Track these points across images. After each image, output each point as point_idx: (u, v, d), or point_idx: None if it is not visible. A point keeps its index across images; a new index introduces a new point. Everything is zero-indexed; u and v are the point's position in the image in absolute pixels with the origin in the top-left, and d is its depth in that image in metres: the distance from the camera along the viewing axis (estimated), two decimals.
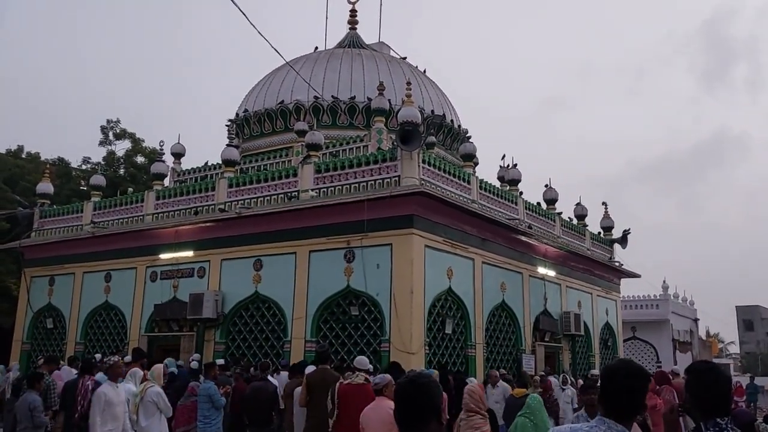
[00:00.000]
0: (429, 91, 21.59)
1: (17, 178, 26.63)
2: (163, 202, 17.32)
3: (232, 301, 15.30)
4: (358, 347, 13.60)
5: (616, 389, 2.71)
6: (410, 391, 2.72)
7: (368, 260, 13.57)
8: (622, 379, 2.71)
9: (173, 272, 16.43)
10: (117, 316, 17.47)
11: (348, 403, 7.84)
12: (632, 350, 31.59)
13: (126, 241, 17.37)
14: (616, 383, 2.72)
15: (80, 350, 17.32)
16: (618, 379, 2.72)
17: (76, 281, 18.41)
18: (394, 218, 13.46)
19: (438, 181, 14.54)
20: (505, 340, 16.43)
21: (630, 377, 2.72)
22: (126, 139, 30.49)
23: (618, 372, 2.75)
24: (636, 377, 2.72)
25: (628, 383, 2.70)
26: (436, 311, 14.02)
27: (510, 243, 16.74)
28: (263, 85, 21.68)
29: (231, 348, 15.22)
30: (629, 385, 2.70)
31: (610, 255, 22.88)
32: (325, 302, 14.10)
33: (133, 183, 27.73)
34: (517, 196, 17.87)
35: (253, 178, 15.98)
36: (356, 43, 23.45)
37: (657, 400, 10.95)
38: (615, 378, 2.73)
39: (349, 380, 8.19)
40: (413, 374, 2.82)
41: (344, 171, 14.59)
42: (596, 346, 21.07)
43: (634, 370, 2.75)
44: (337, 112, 19.74)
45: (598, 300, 21.65)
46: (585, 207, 22.11)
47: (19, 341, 19.24)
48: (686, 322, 36.16)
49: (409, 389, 2.72)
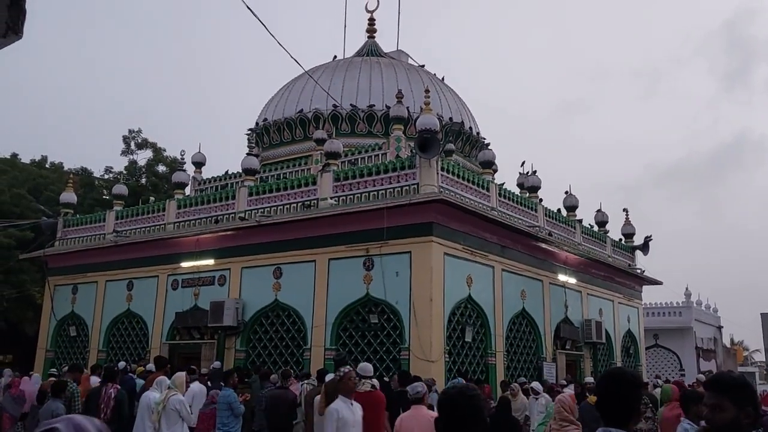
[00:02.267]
0: (447, 98, 21.60)
1: (41, 188, 27.02)
2: (184, 210, 17.47)
3: (252, 309, 15.37)
4: (378, 355, 13.59)
5: (609, 397, 2.74)
6: (459, 401, 2.67)
7: (387, 268, 13.57)
8: (614, 387, 2.75)
9: (194, 280, 16.55)
10: (139, 324, 17.63)
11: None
12: (655, 358, 31.23)
13: (148, 249, 17.54)
14: (609, 391, 2.76)
15: (103, 358, 17.48)
16: (611, 387, 2.76)
17: (99, 289, 18.61)
18: (413, 226, 13.46)
19: (457, 188, 14.53)
20: (526, 348, 16.32)
21: (621, 385, 2.75)
22: (147, 148, 30.83)
23: (609, 379, 2.80)
24: (626, 384, 2.75)
25: (618, 390, 2.74)
26: (455, 319, 13.98)
27: (530, 250, 16.65)
28: (282, 95, 21.84)
29: (251, 356, 15.29)
30: (620, 393, 2.73)
31: (632, 262, 22.67)
32: (344, 310, 14.12)
33: (154, 192, 28.02)
34: (537, 203, 17.78)
35: (273, 186, 16.08)
36: (375, 51, 23.55)
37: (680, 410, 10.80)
38: (608, 386, 2.78)
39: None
40: (461, 385, 2.78)
41: (363, 179, 14.63)
42: (618, 354, 20.85)
43: (625, 377, 2.79)
44: (355, 120, 19.81)
45: (619, 307, 21.44)
46: (605, 213, 21.95)
47: (43, 349, 19.47)
48: (710, 329, 35.68)
49: (459, 400, 2.68)
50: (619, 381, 2.79)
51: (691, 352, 31.69)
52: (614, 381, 2.80)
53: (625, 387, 2.75)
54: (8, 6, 2.06)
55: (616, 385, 2.77)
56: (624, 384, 2.76)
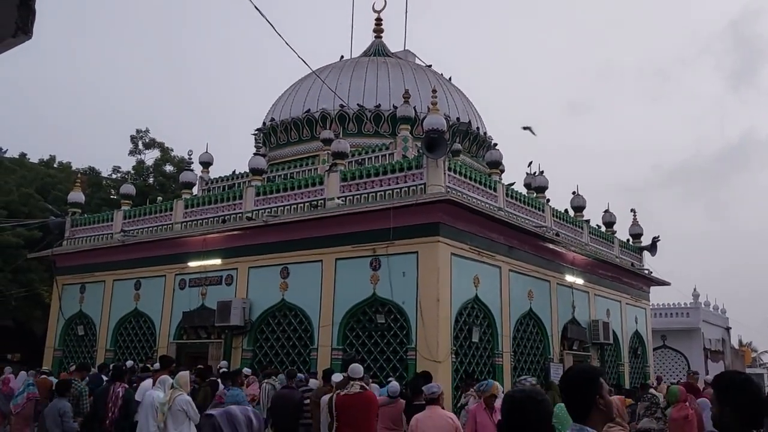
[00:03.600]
0: (454, 98, 21.58)
1: (49, 188, 27.14)
2: (192, 210, 17.51)
3: (259, 308, 15.39)
4: (385, 355, 13.59)
5: (568, 391, 2.86)
6: (528, 406, 2.64)
7: (394, 268, 13.56)
8: (569, 381, 2.88)
9: (201, 280, 16.59)
10: (146, 323, 17.68)
11: (346, 413, 7.83)
12: (662, 359, 31.11)
13: (155, 249, 17.59)
14: (566, 385, 2.89)
15: (110, 357, 17.54)
16: (566, 382, 2.90)
17: (107, 289, 18.68)
18: (420, 226, 13.45)
19: (464, 188, 14.51)
20: (533, 349, 16.29)
21: (575, 378, 2.88)
22: (155, 148, 30.97)
23: (565, 378, 2.93)
24: (578, 378, 2.87)
25: (572, 383, 2.86)
26: (462, 319, 13.96)
27: (537, 251, 16.62)
28: (290, 95, 21.86)
29: (258, 355, 15.31)
30: (574, 385, 2.84)
31: (640, 263, 22.59)
32: (351, 310, 14.12)
33: (162, 192, 28.13)
34: (544, 203, 17.74)
35: (280, 186, 16.10)
36: (382, 51, 23.55)
37: (689, 411, 10.76)
38: (565, 381, 2.91)
39: (345, 390, 8.16)
40: (529, 389, 2.75)
41: (370, 179, 14.63)
42: (625, 354, 20.78)
43: (577, 372, 2.96)
44: (362, 120, 19.82)
45: (627, 308, 21.37)
46: (613, 214, 21.89)
47: (51, 348, 19.55)
48: (718, 330, 35.51)
49: (527, 404, 2.65)
50: (573, 376, 2.91)
51: (699, 354, 31.53)
52: (568, 378, 2.92)
53: (578, 381, 2.85)
54: (18, 6, 2.06)
55: (570, 380, 2.89)
56: (576, 378, 2.87)
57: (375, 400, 8.21)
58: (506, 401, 2.72)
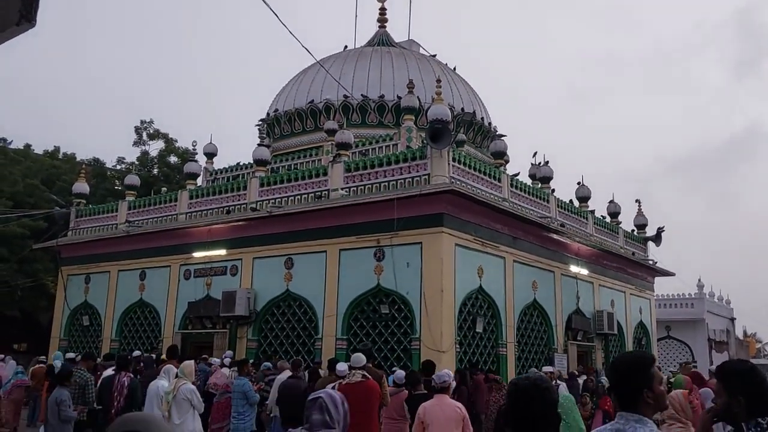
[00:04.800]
0: (459, 88, 21.51)
1: (54, 179, 27.20)
2: (196, 201, 17.54)
3: (264, 298, 15.44)
4: (389, 345, 13.63)
5: (614, 378, 2.82)
6: (533, 394, 2.59)
7: (398, 259, 13.58)
8: (616, 369, 2.83)
9: (206, 270, 16.64)
10: (151, 313, 17.75)
11: (348, 402, 7.84)
12: (667, 350, 31.13)
13: (160, 239, 17.63)
14: (613, 372, 2.85)
15: (115, 347, 17.63)
16: (613, 369, 2.85)
17: (112, 279, 18.74)
18: (424, 217, 13.44)
19: (468, 179, 14.48)
20: (537, 339, 16.30)
21: (622, 366, 2.81)
22: (159, 139, 30.97)
23: (615, 363, 2.88)
24: (625, 366, 2.80)
25: (619, 371, 2.80)
26: (466, 310, 13.97)
27: (542, 241, 16.60)
28: (293, 85, 21.82)
29: (263, 345, 15.37)
30: (621, 374, 2.79)
31: (644, 253, 22.56)
32: (355, 300, 14.15)
33: (166, 183, 28.17)
34: (549, 193, 17.71)
35: (284, 177, 16.10)
36: (386, 41, 23.46)
37: (693, 400, 10.76)
38: (612, 368, 2.85)
39: (347, 380, 8.18)
40: (534, 377, 2.70)
41: (374, 170, 14.62)
42: (629, 345, 20.78)
43: (626, 360, 2.87)
44: (366, 110, 19.77)
45: (631, 299, 21.36)
46: (618, 204, 21.86)
47: (56, 338, 19.66)
48: (722, 321, 35.50)
49: (533, 392, 2.59)
50: (621, 364, 2.83)
51: (703, 344, 31.54)
52: (615, 364, 2.85)
53: (625, 370, 2.78)
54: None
55: (617, 368, 2.82)
56: (623, 367, 2.80)
57: (376, 390, 8.22)
58: (511, 389, 2.69)
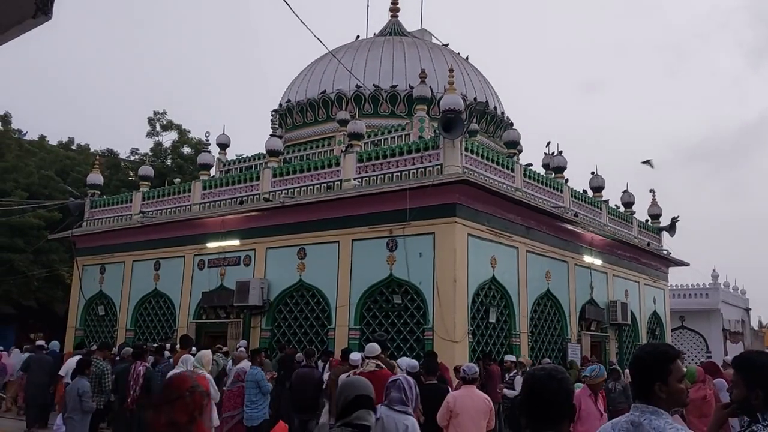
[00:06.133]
0: (471, 77, 21.40)
1: (68, 170, 27.39)
2: (210, 192, 17.62)
3: (277, 288, 15.51)
4: (402, 335, 13.66)
5: (633, 366, 2.85)
6: (549, 384, 2.55)
7: (411, 249, 13.58)
8: (635, 357, 2.86)
9: (220, 260, 16.73)
10: (166, 303, 17.88)
11: None
12: (681, 340, 30.97)
13: (174, 230, 17.74)
14: (632, 361, 2.87)
15: (131, 337, 17.79)
16: (634, 357, 2.87)
17: (126, 269, 18.89)
18: (437, 207, 13.42)
19: (481, 169, 14.44)
20: (550, 329, 16.28)
21: (642, 356, 2.83)
22: (172, 130, 31.06)
23: (636, 352, 2.88)
24: (644, 356, 2.81)
25: (638, 361, 2.84)
26: (479, 300, 13.97)
27: (555, 231, 16.54)
28: (305, 75, 21.80)
29: (276, 335, 15.45)
30: (639, 364, 2.82)
31: (658, 243, 22.43)
32: (368, 290, 14.18)
33: (180, 173, 28.27)
34: (562, 183, 17.62)
35: (297, 167, 16.13)
36: (398, 30, 23.36)
37: (707, 391, 10.71)
38: (633, 357, 2.87)
39: (361, 369, 8.23)
40: (550, 367, 2.67)
41: (386, 160, 14.60)
42: (643, 335, 20.71)
43: (646, 351, 2.85)
44: (378, 100, 19.73)
45: (645, 289, 21.27)
46: (632, 194, 21.71)
47: (72, 328, 19.86)
48: (737, 311, 35.26)
49: (548, 383, 2.56)
50: (641, 353, 2.84)
51: (718, 335, 31.36)
52: (636, 353, 2.85)
53: (642, 361, 2.79)
54: None
55: (636, 358, 2.82)
56: (642, 357, 2.81)
57: (389, 378, 8.29)
58: (527, 380, 2.67)
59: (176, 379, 2.87)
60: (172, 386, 2.81)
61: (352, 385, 3.38)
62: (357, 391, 3.29)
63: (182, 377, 2.88)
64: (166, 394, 2.79)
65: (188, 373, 3.34)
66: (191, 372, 4.59)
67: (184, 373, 3.11)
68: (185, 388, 2.75)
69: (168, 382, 2.92)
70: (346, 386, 3.54)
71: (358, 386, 3.33)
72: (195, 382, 2.84)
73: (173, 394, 2.75)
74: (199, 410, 2.75)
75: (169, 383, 2.87)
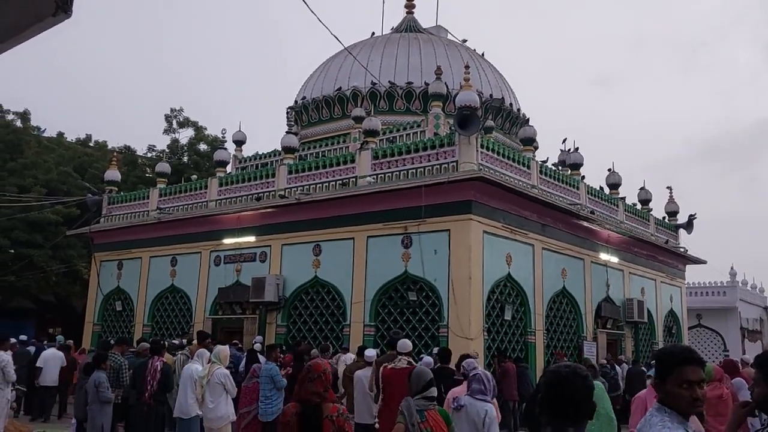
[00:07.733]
0: (487, 74, 21.32)
1: (86, 166, 27.63)
2: (226, 188, 17.71)
3: (292, 285, 15.57)
4: (417, 332, 13.66)
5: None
6: (573, 381, 2.52)
7: (426, 246, 13.57)
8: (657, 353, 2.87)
9: (236, 257, 16.82)
10: (182, 299, 18.01)
11: (392, 387, 7.93)
12: (698, 338, 30.70)
13: (191, 226, 17.85)
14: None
15: (148, 332, 17.92)
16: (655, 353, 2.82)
17: (143, 265, 19.05)
18: (452, 204, 13.40)
19: (497, 166, 14.39)
20: (566, 327, 16.21)
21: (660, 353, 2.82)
22: (189, 127, 31.22)
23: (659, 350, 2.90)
24: (659, 352, 2.82)
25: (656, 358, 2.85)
26: (495, 297, 13.94)
27: (571, 229, 16.45)
28: (321, 72, 21.83)
29: (292, 331, 15.52)
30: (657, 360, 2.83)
31: (675, 240, 22.24)
32: (383, 287, 14.20)
33: (196, 170, 28.46)
34: (578, 180, 17.52)
35: (312, 164, 16.17)
36: (413, 27, 23.32)
37: (723, 390, 10.61)
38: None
39: (392, 364, 8.25)
40: (572, 365, 2.64)
41: (401, 157, 14.60)
42: (660, 333, 20.57)
43: (664, 349, 2.85)
44: (394, 97, 19.72)
45: (662, 286, 21.10)
46: (649, 191, 21.55)
47: (90, 323, 20.08)
48: (756, 310, 34.87)
49: (573, 380, 2.52)
50: (662, 354, 2.82)
51: (735, 333, 31.03)
52: (655, 355, 2.83)
53: (660, 360, 2.78)
54: None
55: (656, 358, 2.83)
56: (660, 356, 2.80)
57: None
58: (549, 377, 2.64)
59: (315, 365, 4.18)
60: (313, 369, 4.12)
61: (426, 372, 5.23)
62: (429, 375, 5.15)
63: (318, 364, 4.20)
64: (310, 375, 4.08)
65: (320, 360, 4.59)
66: (322, 359, 5.92)
67: (318, 360, 4.47)
68: (320, 371, 4.11)
69: (309, 366, 4.21)
70: (422, 373, 5.21)
71: (428, 373, 5.23)
72: (326, 367, 4.21)
73: (314, 374, 4.07)
74: (329, 383, 4.17)
75: (310, 367, 4.17)
